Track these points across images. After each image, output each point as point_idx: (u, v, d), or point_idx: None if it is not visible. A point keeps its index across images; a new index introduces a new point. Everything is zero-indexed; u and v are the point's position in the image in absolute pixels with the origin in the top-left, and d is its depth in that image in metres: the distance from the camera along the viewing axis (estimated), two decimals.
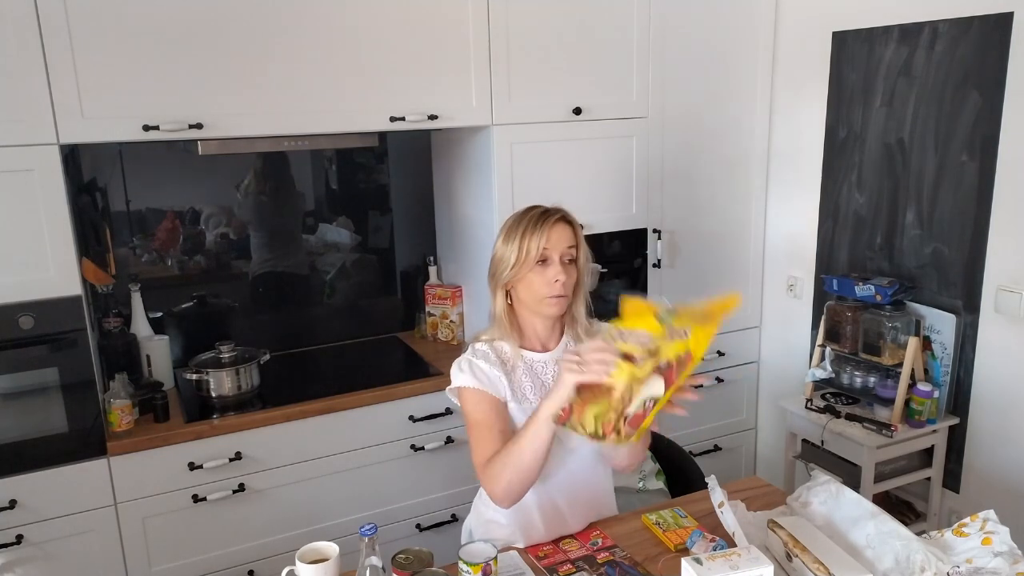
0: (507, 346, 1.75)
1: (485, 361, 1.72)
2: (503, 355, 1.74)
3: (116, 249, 2.60)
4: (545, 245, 1.67)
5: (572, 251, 1.71)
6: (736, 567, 1.39)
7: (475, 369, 1.71)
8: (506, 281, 1.72)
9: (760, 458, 3.32)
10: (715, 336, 1.46)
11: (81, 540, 2.21)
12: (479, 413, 1.70)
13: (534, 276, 1.69)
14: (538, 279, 1.69)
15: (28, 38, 1.98)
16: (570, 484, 1.76)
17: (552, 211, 1.72)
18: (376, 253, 3.05)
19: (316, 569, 1.46)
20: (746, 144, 2.99)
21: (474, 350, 1.75)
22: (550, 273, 1.68)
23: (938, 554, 1.49)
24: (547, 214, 1.70)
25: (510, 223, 1.73)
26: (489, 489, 1.65)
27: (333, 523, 2.49)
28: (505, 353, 1.74)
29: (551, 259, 1.68)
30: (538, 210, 1.72)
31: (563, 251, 1.69)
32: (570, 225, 1.72)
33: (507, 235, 1.72)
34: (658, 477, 2.29)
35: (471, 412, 1.71)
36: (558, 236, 1.68)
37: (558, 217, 1.70)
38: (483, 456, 1.66)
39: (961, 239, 2.45)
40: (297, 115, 2.30)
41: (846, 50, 2.72)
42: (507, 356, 1.74)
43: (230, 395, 2.47)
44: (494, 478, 1.62)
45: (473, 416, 1.71)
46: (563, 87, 2.61)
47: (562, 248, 1.69)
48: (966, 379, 2.50)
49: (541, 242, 1.67)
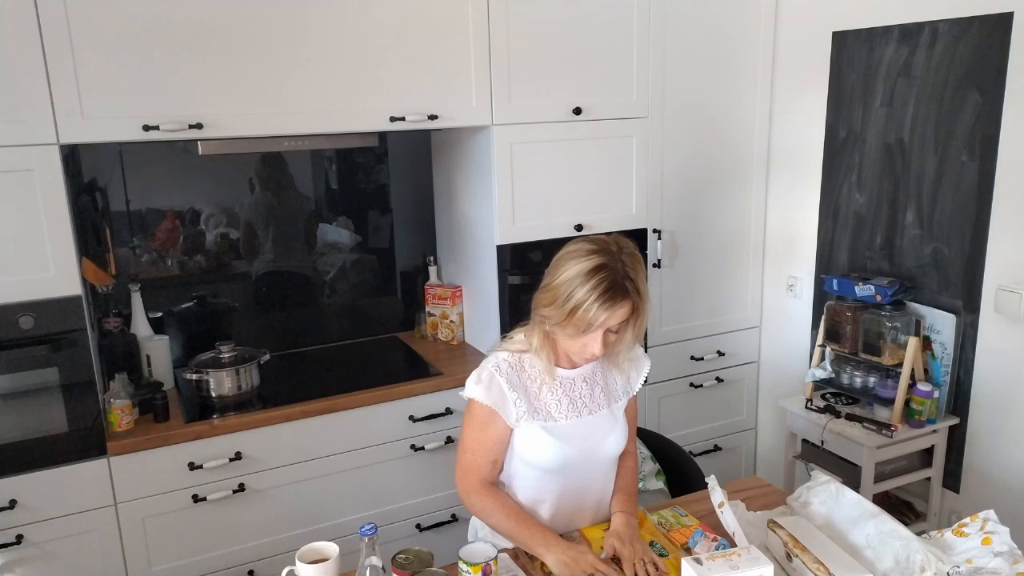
0: (536, 361, 1.68)
1: (506, 379, 1.66)
2: (529, 371, 1.68)
3: (116, 249, 2.60)
4: (598, 324, 1.53)
5: (623, 324, 1.58)
6: (736, 567, 1.39)
7: (493, 387, 1.65)
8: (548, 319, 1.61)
9: (760, 458, 3.32)
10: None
11: (81, 540, 2.21)
12: (481, 434, 1.68)
13: (573, 339, 1.59)
14: (574, 343, 1.60)
15: (28, 38, 1.98)
16: (583, 486, 1.75)
17: (619, 288, 1.51)
18: (376, 253, 3.05)
19: (316, 569, 1.46)
20: (746, 144, 2.99)
21: (498, 362, 1.68)
22: (588, 341, 1.58)
23: (938, 554, 1.49)
24: (613, 292, 1.51)
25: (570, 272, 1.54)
26: (463, 500, 1.72)
27: (333, 523, 2.49)
28: (532, 368, 1.68)
29: (595, 331, 1.55)
30: (604, 279, 1.51)
31: (612, 326, 1.56)
32: (631, 300, 1.54)
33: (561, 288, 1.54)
34: (658, 477, 2.29)
35: (473, 429, 1.69)
36: (616, 316, 1.53)
37: (620, 296, 1.52)
38: (469, 477, 1.70)
39: (961, 239, 2.45)
40: (297, 115, 2.30)
41: (846, 50, 2.72)
42: (534, 372, 1.69)
43: (230, 395, 2.47)
44: (471, 506, 1.71)
45: (475, 434, 1.69)
46: (563, 87, 2.61)
47: (614, 323, 1.56)
48: (966, 379, 2.50)
49: (595, 319, 1.52)
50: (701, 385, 3.09)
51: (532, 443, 1.67)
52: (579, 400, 1.71)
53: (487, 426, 1.67)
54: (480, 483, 1.69)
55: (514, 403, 1.65)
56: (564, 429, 1.68)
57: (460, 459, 1.72)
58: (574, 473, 1.71)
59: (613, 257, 1.54)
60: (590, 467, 1.73)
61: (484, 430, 1.68)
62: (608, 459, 1.75)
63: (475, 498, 1.69)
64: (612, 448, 1.74)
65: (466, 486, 1.70)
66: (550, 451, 1.66)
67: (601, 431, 1.72)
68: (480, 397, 1.65)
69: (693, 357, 3.06)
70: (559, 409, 1.68)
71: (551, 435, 1.66)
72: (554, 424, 1.67)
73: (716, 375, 3.13)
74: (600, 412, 1.73)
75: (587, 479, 1.74)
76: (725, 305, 3.10)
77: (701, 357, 3.07)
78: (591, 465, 1.73)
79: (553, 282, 1.57)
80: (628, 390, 1.79)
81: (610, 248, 1.56)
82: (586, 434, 1.70)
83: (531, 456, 1.68)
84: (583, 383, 1.72)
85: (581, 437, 1.69)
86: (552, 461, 1.67)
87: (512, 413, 1.66)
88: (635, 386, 1.80)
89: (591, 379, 1.74)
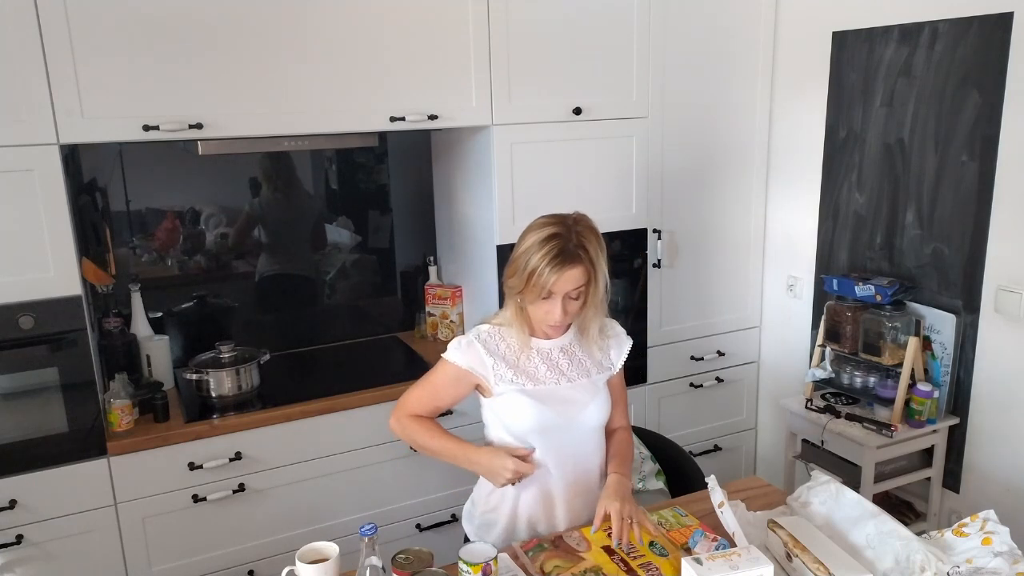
0: (515, 332, 1.75)
1: (484, 346, 1.74)
2: (509, 340, 1.75)
3: (116, 249, 2.60)
4: (551, 288, 1.63)
5: (580, 289, 1.67)
6: (736, 567, 1.39)
7: (471, 352, 1.74)
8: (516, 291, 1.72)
9: (760, 458, 3.32)
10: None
11: (81, 540, 2.21)
12: (442, 383, 1.77)
13: (536, 306, 1.69)
14: (538, 310, 1.69)
15: (28, 38, 1.98)
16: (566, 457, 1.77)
17: (569, 254, 1.62)
18: (376, 253, 3.05)
19: (316, 569, 1.46)
20: (746, 144, 2.99)
21: (479, 332, 1.77)
22: (548, 308, 1.67)
23: (938, 554, 1.49)
24: (563, 257, 1.62)
25: (528, 243, 1.66)
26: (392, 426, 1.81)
27: (333, 523, 2.49)
28: (511, 339, 1.75)
29: (554, 298, 1.66)
30: (556, 245, 1.62)
31: (568, 291, 1.65)
32: (583, 265, 1.64)
33: (520, 258, 1.66)
34: (658, 477, 2.29)
35: (438, 377, 1.78)
36: (564, 281, 1.63)
37: (569, 261, 1.62)
38: (411, 406, 1.79)
39: (961, 239, 2.45)
40: (297, 115, 2.30)
41: (846, 50, 2.72)
42: (513, 343, 1.75)
43: (230, 395, 2.47)
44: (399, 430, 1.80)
45: (436, 380, 1.79)
46: (563, 87, 2.61)
47: (567, 289, 1.65)
48: (966, 379, 2.50)
49: (547, 283, 1.62)
50: (701, 385, 3.09)
51: (512, 407, 1.72)
52: (556, 368, 1.76)
53: (452, 382, 1.76)
54: (411, 413, 1.79)
55: (492, 368, 1.72)
56: (543, 393, 1.73)
57: (410, 392, 1.81)
58: (556, 440, 1.74)
59: (568, 228, 1.65)
60: (572, 436, 1.77)
61: (445, 383, 1.77)
62: (590, 428, 1.79)
63: (404, 422, 1.79)
64: (593, 417, 1.78)
65: (399, 414, 1.80)
66: (529, 413, 1.71)
67: (581, 399, 1.77)
68: (458, 360, 1.74)
69: (693, 357, 3.06)
70: (538, 374, 1.74)
71: (530, 397, 1.72)
72: (533, 388, 1.73)
73: (716, 375, 3.13)
74: (580, 381, 1.78)
75: (571, 448, 1.77)
76: (725, 305, 3.10)
77: (701, 357, 3.07)
78: (573, 434, 1.77)
79: (515, 254, 1.69)
80: (609, 366, 1.84)
81: (567, 221, 1.68)
82: (566, 399, 1.75)
83: (511, 420, 1.73)
84: (560, 352, 1.78)
85: (560, 401, 1.74)
86: (531, 423, 1.72)
87: (491, 377, 1.72)
88: (617, 363, 1.85)
89: (569, 350, 1.79)
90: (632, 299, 2.89)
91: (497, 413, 1.75)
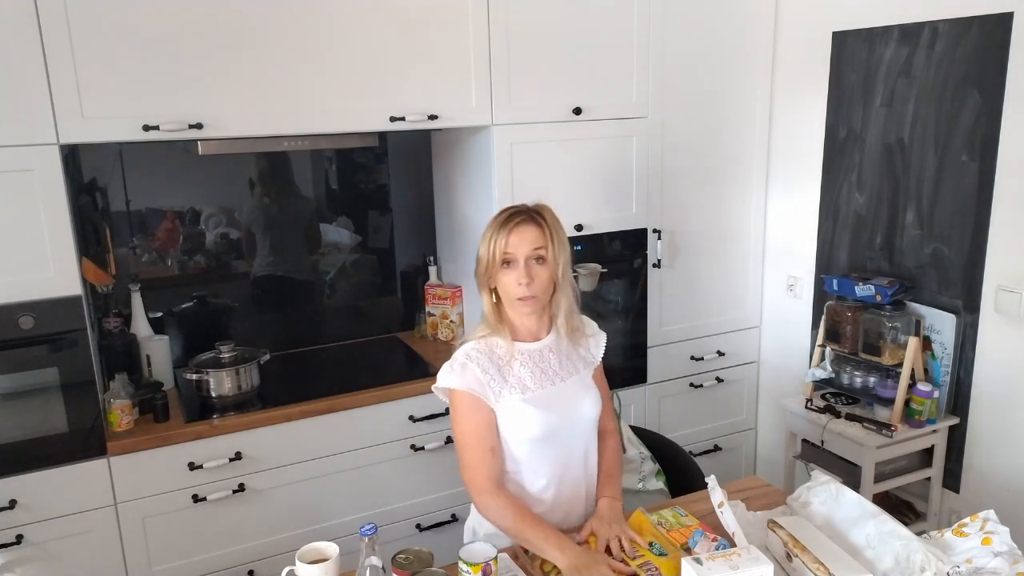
0: (500, 341, 1.74)
1: (477, 365, 1.71)
2: (497, 351, 1.74)
3: (116, 249, 2.60)
4: (506, 249, 1.67)
5: (540, 251, 1.69)
6: (736, 567, 1.39)
7: (467, 373, 1.70)
8: (487, 280, 1.73)
9: (760, 458, 3.32)
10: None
11: (81, 540, 2.21)
12: (472, 423, 1.70)
13: (502, 277, 1.70)
14: (505, 280, 1.70)
15: (28, 38, 1.98)
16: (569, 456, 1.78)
17: (518, 212, 1.71)
18: (376, 253, 3.05)
19: (316, 569, 1.46)
20: (746, 144, 2.99)
21: (467, 351, 1.73)
22: (513, 276, 1.68)
23: (938, 554, 1.49)
24: (512, 216, 1.70)
25: (488, 227, 1.73)
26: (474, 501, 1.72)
27: (333, 523, 2.49)
28: (499, 348, 1.74)
29: (515, 261, 1.68)
30: (507, 212, 1.72)
31: (528, 252, 1.68)
32: (537, 225, 1.69)
33: (482, 242, 1.72)
34: (658, 477, 2.29)
35: (463, 421, 1.71)
36: (519, 238, 1.67)
37: (520, 219, 1.69)
38: (477, 475, 1.69)
39: (961, 239, 2.45)
40: (297, 115, 2.30)
41: (846, 50, 2.72)
42: (501, 352, 1.74)
43: (230, 395, 2.47)
44: (483, 507, 1.70)
45: (466, 426, 1.70)
46: (563, 87, 2.61)
47: (526, 250, 1.68)
48: (966, 379, 2.50)
49: (502, 245, 1.67)
50: (701, 385, 3.09)
51: (515, 417, 1.71)
52: (549, 369, 1.77)
53: (474, 413, 1.70)
54: (488, 480, 1.69)
55: (490, 385, 1.70)
56: (541, 398, 1.73)
57: (462, 457, 1.72)
58: (560, 441, 1.75)
59: (524, 207, 1.73)
60: (573, 434, 1.77)
61: (472, 418, 1.70)
62: (588, 422, 1.80)
63: (487, 498, 1.69)
64: (589, 411, 1.79)
65: (477, 486, 1.70)
66: (534, 421, 1.70)
67: (575, 396, 1.78)
68: (455, 384, 1.70)
69: (693, 357, 3.06)
70: (532, 379, 1.74)
71: (531, 405, 1.71)
72: (531, 395, 1.72)
73: (716, 375, 3.13)
74: (571, 379, 1.79)
75: (572, 446, 1.78)
76: (725, 305, 3.10)
77: (701, 357, 3.07)
78: (574, 431, 1.77)
79: (480, 246, 1.73)
80: (592, 360, 1.87)
81: (525, 205, 1.74)
82: (563, 400, 1.76)
83: (517, 431, 1.71)
84: (550, 353, 1.78)
85: (559, 403, 1.74)
86: (537, 431, 1.71)
87: (490, 393, 1.70)
88: (597, 356, 1.89)
89: (556, 349, 1.80)
90: (632, 299, 2.89)
91: (500, 426, 1.72)
